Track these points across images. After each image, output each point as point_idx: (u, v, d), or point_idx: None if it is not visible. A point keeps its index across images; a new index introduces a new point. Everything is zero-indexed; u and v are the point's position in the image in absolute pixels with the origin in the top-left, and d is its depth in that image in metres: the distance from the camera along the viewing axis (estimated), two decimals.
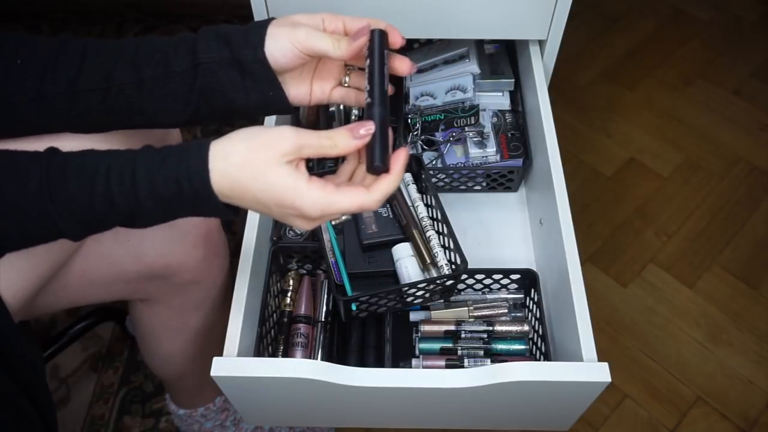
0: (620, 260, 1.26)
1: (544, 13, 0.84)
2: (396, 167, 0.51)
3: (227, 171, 0.48)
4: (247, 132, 0.50)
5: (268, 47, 0.55)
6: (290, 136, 0.49)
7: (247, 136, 0.50)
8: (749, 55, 1.60)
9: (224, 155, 0.49)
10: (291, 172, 0.48)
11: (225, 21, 1.74)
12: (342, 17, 0.58)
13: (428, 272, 0.75)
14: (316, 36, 0.54)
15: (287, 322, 0.79)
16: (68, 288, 0.68)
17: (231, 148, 0.49)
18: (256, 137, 0.49)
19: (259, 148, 0.48)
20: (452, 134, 0.92)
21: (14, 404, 0.56)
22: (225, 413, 1.03)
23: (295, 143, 0.49)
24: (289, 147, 0.48)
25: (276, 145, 0.48)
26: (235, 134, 0.50)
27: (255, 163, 0.48)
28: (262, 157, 0.48)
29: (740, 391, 1.10)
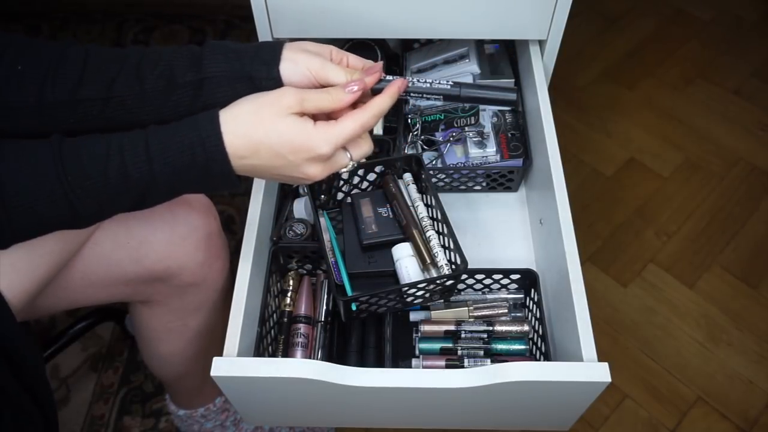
0: (620, 260, 1.26)
1: (544, 13, 0.84)
2: (389, 89, 0.58)
3: (239, 130, 0.52)
4: (250, 96, 0.54)
5: (284, 68, 0.57)
6: (292, 91, 0.53)
7: (252, 99, 0.53)
8: (749, 55, 1.60)
9: (233, 117, 0.52)
10: (297, 119, 0.53)
11: (225, 21, 1.74)
12: (346, 53, 0.62)
13: (428, 272, 0.75)
14: (331, 67, 0.58)
15: (287, 322, 0.79)
16: (69, 289, 0.68)
17: (239, 110, 0.53)
18: (260, 97, 0.53)
19: (265, 104, 0.53)
20: (452, 134, 0.92)
21: (17, 403, 0.56)
22: (225, 413, 1.03)
23: (297, 96, 0.53)
24: (291, 100, 0.53)
25: (280, 100, 0.53)
26: (239, 100, 0.54)
27: (264, 119, 0.52)
28: (270, 112, 0.52)
29: (740, 391, 1.10)
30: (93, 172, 0.49)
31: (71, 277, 0.67)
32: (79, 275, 0.68)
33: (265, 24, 0.86)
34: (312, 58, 0.58)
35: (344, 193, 0.84)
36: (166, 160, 0.50)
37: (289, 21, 0.86)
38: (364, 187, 0.84)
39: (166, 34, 1.72)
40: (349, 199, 0.83)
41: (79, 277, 0.68)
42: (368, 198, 0.81)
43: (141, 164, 0.50)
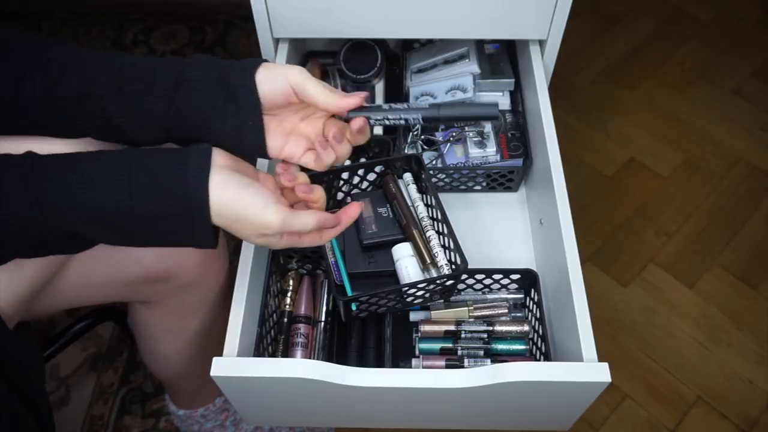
0: (620, 260, 1.26)
1: (544, 13, 0.84)
2: (343, 220, 0.60)
3: (218, 221, 0.53)
4: (243, 204, 0.53)
5: (260, 76, 0.56)
6: (276, 225, 0.53)
7: (244, 210, 0.53)
8: (749, 55, 1.60)
9: (218, 212, 0.52)
10: (268, 239, 0.55)
11: (225, 21, 1.74)
12: None
13: (428, 272, 0.75)
14: (311, 79, 0.57)
15: (287, 322, 0.79)
16: (67, 290, 0.68)
17: (223, 201, 0.52)
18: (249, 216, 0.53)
19: (249, 223, 0.53)
20: (452, 134, 0.92)
21: (9, 407, 0.56)
22: (225, 413, 1.03)
23: (279, 231, 0.54)
24: (272, 232, 0.54)
25: (263, 229, 0.54)
26: (233, 196, 0.53)
27: (240, 230, 0.54)
28: (248, 230, 0.54)
29: (740, 391, 1.10)
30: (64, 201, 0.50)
31: (70, 279, 0.67)
32: (77, 276, 0.68)
33: (265, 24, 0.86)
34: (291, 69, 0.57)
35: (344, 193, 0.84)
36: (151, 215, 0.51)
37: (289, 21, 0.86)
38: (364, 187, 0.84)
39: (166, 34, 1.72)
40: (349, 199, 0.83)
41: (78, 279, 0.68)
42: (368, 198, 0.81)
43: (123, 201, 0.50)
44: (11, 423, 0.56)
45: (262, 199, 0.53)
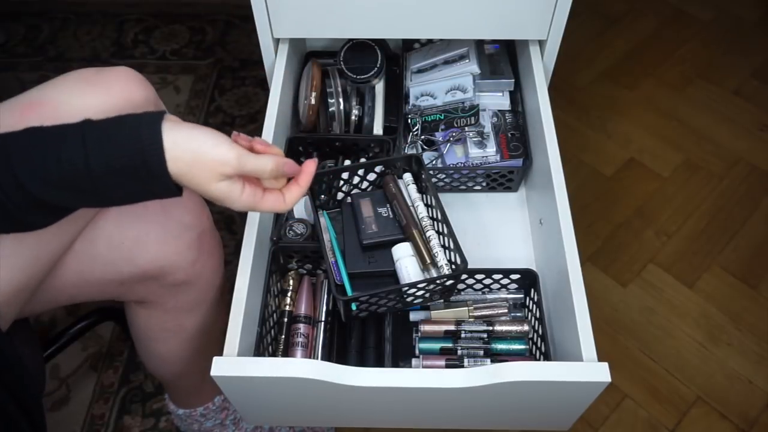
0: (620, 260, 1.26)
1: (544, 13, 0.84)
2: (303, 180, 0.60)
3: (175, 167, 0.52)
4: (196, 141, 0.52)
5: None
6: (233, 159, 0.53)
7: (198, 147, 0.52)
8: (749, 55, 1.60)
9: (173, 156, 0.52)
10: (228, 185, 0.54)
11: (225, 21, 1.74)
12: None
13: (428, 272, 0.75)
14: None
15: (287, 322, 0.79)
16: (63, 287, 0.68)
17: (176, 141, 0.52)
18: (204, 153, 0.52)
19: (204, 162, 0.52)
20: (452, 134, 0.92)
21: (3, 411, 0.56)
22: (225, 412, 1.03)
23: (236, 168, 0.53)
24: (229, 169, 0.53)
25: (220, 167, 0.53)
26: (186, 134, 0.52)
27: (198, 175, 0.53)
28: (206, 173, 0.53)
29: (740, 391, 1.10)
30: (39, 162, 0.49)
31: (66, 276, 0.67)
32: (73, 274, 0.68)
33: (265, 24, 0.86)
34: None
35: (344, 193, 0.84)
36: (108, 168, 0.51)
37: (289, 21, 0.86)
38: (364, 187, 0.84)
39: (166, 34, 1.72)
40: (349, 199, 0.83)
41: (74, 276, 0.68)
42: (368, 198, 0.81)
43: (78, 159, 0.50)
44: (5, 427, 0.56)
45: (215, 136, 0.53)
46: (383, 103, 0.95)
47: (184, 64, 1.64)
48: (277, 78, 0.88)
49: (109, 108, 0.62)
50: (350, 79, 0.94)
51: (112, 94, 0.62)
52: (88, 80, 0.62)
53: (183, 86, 1.59)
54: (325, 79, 0.93)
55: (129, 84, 0.64)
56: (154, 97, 0.67)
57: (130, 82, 0.64)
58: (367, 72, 0.94)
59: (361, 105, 0.93)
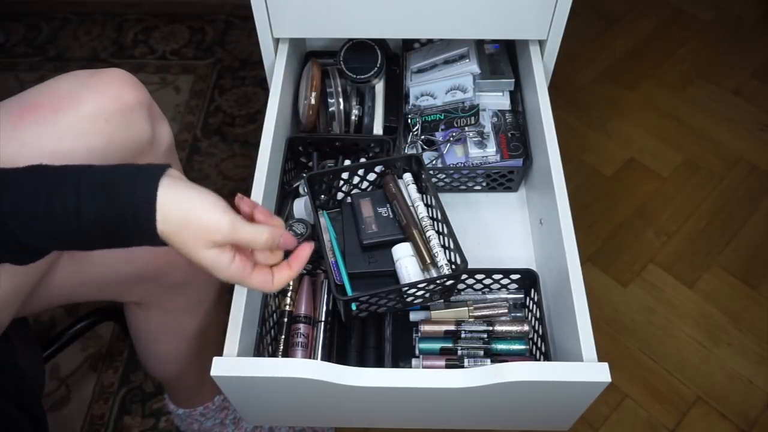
0: (620, 260, 1.26)
1: (544, 13, 0.84)
2: (295, 265, 0.57)
3: (165, 228, 0.49)
4: (189, 201, 0.50)
5: None
6: (226, 227, 0.50)
7: (190, 208, 0.49)
8: (749, 55, 1.60)
9: (164, 216, 0.49)
10: (216, 254, 0.51)
11: (225, 21, 1.74)
12: None
13: (428, 272, 0.75)
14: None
15: (287, 322, 0.79)
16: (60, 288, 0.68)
17: (170, 199, 0.49)
18: (195, 216, 0.49)
19: (194, 225, 0.49)
20: (452, 134, 0.92)
21: (4, 413, 0.56)
22: (224, 412, 1.03)
23: (226, 236, 0.50)
24: (219, 237, 0.50)
25: (210, 233, 0.50)
26: (180, 193, 0.49)
27: (187, 239, 0.50)
28: (194, 237, 0.50)
29: (740, 391, 1.10)
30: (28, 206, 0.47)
31: (63, 277, 0.67)
32: (70, 275, 0.68)
33: (265, 24, 0.86)
34: None
35: (344, 193, 0.84)
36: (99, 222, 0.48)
37: (289, 21, 0.86)
38: (364, 187, 0.84)
39: (166, 34, 1.72)
40: (349, 199, 0.83)
41: (71, 277, 0.68)
42: (368, 198, 0.81)
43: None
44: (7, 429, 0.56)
45: (211, 200, 0.50)
46: (383, 103, 0.95)
47: (184, 64, 1.65)
48: (277, 78, 0.88)
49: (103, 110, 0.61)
50: (350, 79, 0.94)
51: (106, 96, 0.62)
52: (83, 83, 0.62)
53: (183, 86, 1.59)
54: (325, 79, 0.93)
55: (122, 87, 0.63)
56: (147, 100, 0.67)
57: (123, 85, 0.64)
58: (367, 72, 0.94)
59: (361, 105, 0.93)
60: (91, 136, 0.60)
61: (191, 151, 1.45)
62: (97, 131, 0.61)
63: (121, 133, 0.63)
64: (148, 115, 0.66)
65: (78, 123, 0.60)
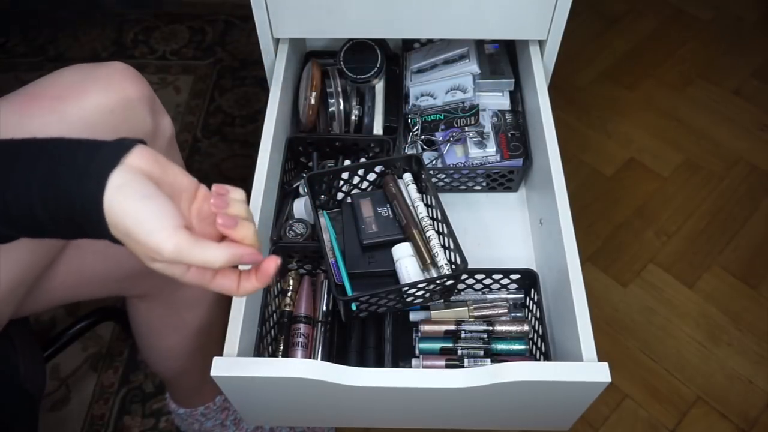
0: (620, 260, 1.26)
1: (544, 13, 0.84)
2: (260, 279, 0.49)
3: (115, 232, 0.44)
4: (131, 219, 0.43)
5: None
6: (168, 253, 0.43)
7: (131, 226, 0.43)
8: (749, 55, 1.60)
9: (111, 221, 0.43)
10: (165, 267, 0.46)
11: (225, 21, 1.74)
12: None
13: (428, 272, 0.75)
14: None
15: (287, 322, 0.79)
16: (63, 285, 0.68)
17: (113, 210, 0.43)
18: (136, 235, 0.43)
19: (136, 243, 0.44)
20: (452, 134, 0.92)
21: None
22: (225, 412, 1.03)
23: (170, 260, 0.44)
24: (160, 259, 0.44)
25: (151, 253, 0.44)
26: (122, 207, 0.43)
27: (134, 249, 0.45)
28: (139, 251, 0.45)
29: (740, 391, 1.10)
30: None
31: (66, 273, 0.67)
32: (73, 271, 0.68)
33: (265, 24, 0.86)
34: None
35: (344, 193, 0.84)
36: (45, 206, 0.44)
37: (289, 21, 0.86)
38: (364, 187, 0.84)
39: (166, 34, 1.72)
40: (349, 199, 0.83)
41: (74, 273, 0.68)
42: (368, 198, 0.81)
43: None
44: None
45: (159, 217, 0.42)
46: (383, 103, 0.95)
47: (184, 64, 1.65)
48: (277, 78, 0.88)
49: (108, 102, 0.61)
50: (350, 79, 0.94)
51: (110, 88, 0.62)
52: (86, 75, 0.62)
53: (183, 86, 1.59)
54: (325, 79, 0.93)
55: (126, 79, 0.64)
56: (149, 93, 0.67)
57: (127, 78, 0.64)
58: (367, 72, 0.94)
59: (361, 105, 0.93)
60: (96, 127, 0.61)
61: (191, 151, 1.45)
62: (103, 122, 0.61)
63: (125, 125, 0.63)
64: (150, 107, 0.66)
65: (83, 113, 0.60)
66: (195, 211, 0.48)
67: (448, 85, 0.95)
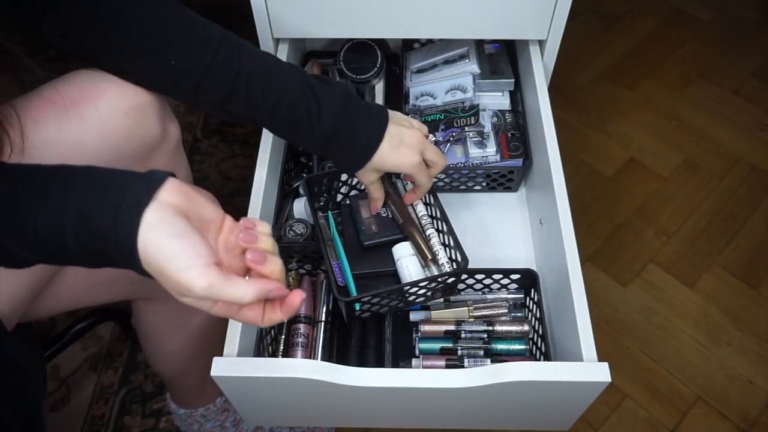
0: (620, 260, 1.26)
1: (544, 13, 0.84)
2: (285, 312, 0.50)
3: (146, 267, 0.46)
4: (164, 255, 0.45)
5: None
6: (199, 291, 0.44)
7: (164, 264, 0.44)
8: (749, 55, 1.60)
9: (143, 258, 0.45)
10: (194, 301, 0.48)
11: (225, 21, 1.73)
12: None
13: (429, 269, 0.75)
14: None
15: (287, 322, 0.79)
16: (72, 289, 0.68)
17: (146, 247, 0.45)
18: (169, 272, 0.45)
19: (168, 279, 0.45)
20: (452, 134, 0.92)
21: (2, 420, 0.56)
22: (225, 414, 1.03)
23: (201, 297, 0.46)
24: (192, 295, 0.46)
25: (183, 290, 0.45)
26: (155, 244, 0.44)
27: (165, 283, 0.46)
28: (170, 287, 0.46)
29: (740, 391, 1.10)
30: None
31: (75, 279, 0.67)
32: (83, 276, 0.68)
33: (265, 24, 0.86)
34: None
35: (343, 195, 0.84)
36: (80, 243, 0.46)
37: (289, 21, 0.86)
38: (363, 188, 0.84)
39: None
40: (347, 201, 0.83)
41: (84, 278, 0.68)
42: (367, 199, 0.81)
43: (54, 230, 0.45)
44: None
45: (189, 255, 0.44)
46: (383, 103, 0.95)
47: None
48: None
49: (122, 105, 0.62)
50: (350, 79, 0.94)
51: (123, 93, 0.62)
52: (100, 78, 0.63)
53: None
54: None
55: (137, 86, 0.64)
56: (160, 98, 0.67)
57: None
58: (367, 72, 0.94)
59: None
60: (111, 131, 0.61)
61: (191, 151, 1.45)
62: (118, 125, 0.61)
63: (137, 129, 0.63)
64: (160, 112, 0.66)
65: (100, 117, 0.60)
66: (222, 243, 0.49)
67: (448, 85, 0.95)
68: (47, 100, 0.59)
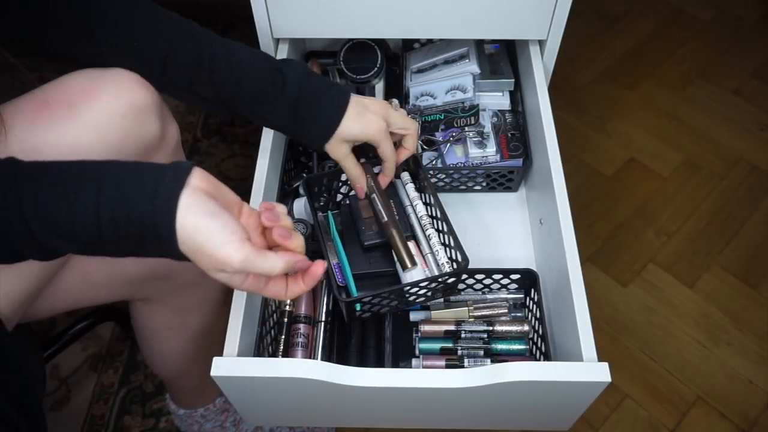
0: (620, 260, 1.26)
1: (544, 13, 0.84)
2: (308, 282, 0.56)
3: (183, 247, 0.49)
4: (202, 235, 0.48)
5: None
6: (236, 264, 0.48)
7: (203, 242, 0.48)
8: (749, 55, 1.60)
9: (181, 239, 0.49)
10: (227, 276, 0.51)
11: (225, 21, 1.74)
12: None
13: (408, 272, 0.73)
14: None
15: (287, 322, 0.79)
16: (70, 290, 0.68)
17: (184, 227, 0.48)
18: (207, 249, 0.48)
19: (206, 256, 0.49)
20: (452, 134, 0.92)
21: (5, 417, 0.56)
22: (225, 414, 1.03)
23: (237, 270, 0.50)
24: (229, 270, 0.50)
25: (220, 265, 0.49)
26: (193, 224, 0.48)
27: (201, 261, 0.50)
28: (206, 263, 0.50)
29: (740, 391, 1.10)
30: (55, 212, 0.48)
31: (73, 278, 0.67)
32: (80, 276, 0.68)
33: (265, 24, 0.86)
34: None
35: (343, 195, 0.84)
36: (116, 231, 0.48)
37: (289, 21, 0.86)
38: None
39: None
40: (347, 201, 0.83)
41: (81, 277, 0.68)
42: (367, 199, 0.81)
43: None
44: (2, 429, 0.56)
45: (225, 232, 0.48)
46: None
47: None
48: None
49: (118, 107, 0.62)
50: (350, 79, 0.94)
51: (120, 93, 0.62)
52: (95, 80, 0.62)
53: None
54: None
55: (134, 85, 0.64)
56: (158, 98, 0.67)
57: (135, 84, 0.64)
58: (367, 72, 0.94)
59: None
60: (108, 132, 0.61)
61: (191, 151, 1.45)
62: (115, 127, 0.61)
63: (135, 130, 0.63)
64: (159, 113, 0.66)
65: (96, 118, 0.60)
66: (243, 225, 0.52)
67: (448, 85, 0.95)
68: (43, 104, 0.59)
